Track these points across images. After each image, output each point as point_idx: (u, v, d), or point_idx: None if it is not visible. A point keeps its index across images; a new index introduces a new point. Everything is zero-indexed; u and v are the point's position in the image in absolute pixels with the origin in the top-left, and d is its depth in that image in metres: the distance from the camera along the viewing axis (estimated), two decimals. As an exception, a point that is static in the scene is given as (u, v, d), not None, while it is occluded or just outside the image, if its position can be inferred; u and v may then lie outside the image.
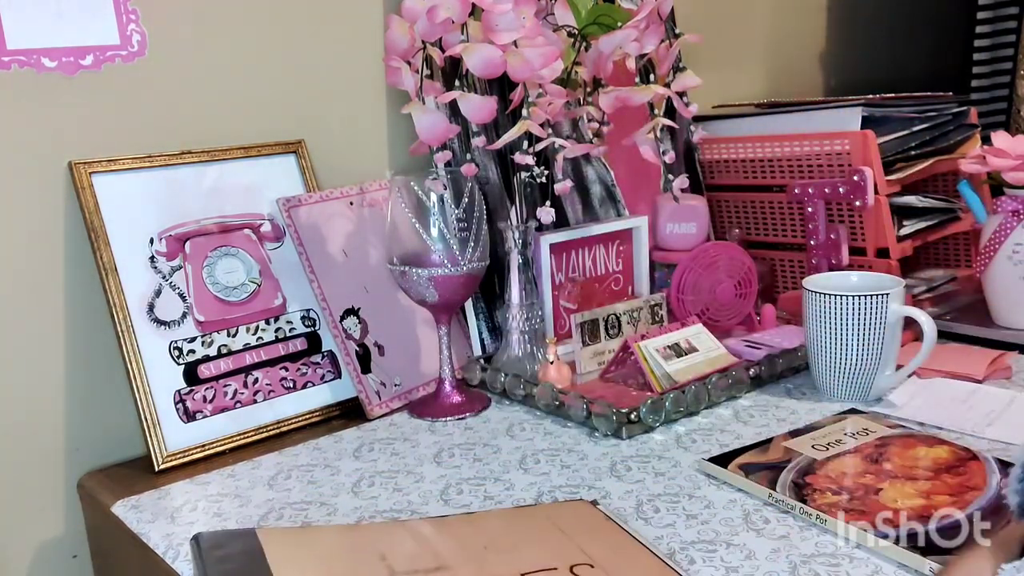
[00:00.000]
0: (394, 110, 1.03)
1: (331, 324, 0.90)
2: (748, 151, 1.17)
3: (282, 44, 0.95)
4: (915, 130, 1.12)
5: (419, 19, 0.79)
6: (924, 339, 0.83)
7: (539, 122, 0.83)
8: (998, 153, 0.99)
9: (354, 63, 1.00)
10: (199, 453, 0.82)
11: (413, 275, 0.85)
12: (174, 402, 0.83)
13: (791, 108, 1.17)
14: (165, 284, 0.85)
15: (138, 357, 0.81)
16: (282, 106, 0.96)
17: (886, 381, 0.86)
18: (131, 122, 0.86)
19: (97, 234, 0.82)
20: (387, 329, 0.94)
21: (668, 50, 0.90)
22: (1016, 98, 1.52)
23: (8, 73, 0.79)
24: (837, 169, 1.07)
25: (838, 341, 0.84)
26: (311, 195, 0.93)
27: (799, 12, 1.53)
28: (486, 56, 0.78)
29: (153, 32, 0.86)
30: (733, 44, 1.41)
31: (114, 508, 0.75)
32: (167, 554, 0.66)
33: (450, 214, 0.85)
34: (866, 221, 1.06)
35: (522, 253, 0.93)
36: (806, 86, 1.56)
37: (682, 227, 1.06)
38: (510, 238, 0.93)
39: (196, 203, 0.88)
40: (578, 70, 0.90)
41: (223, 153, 0.91)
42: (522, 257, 0.93)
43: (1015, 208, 0.98)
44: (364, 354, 0.91)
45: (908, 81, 1.69)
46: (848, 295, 0.83)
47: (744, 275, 1.02)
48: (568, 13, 0.87)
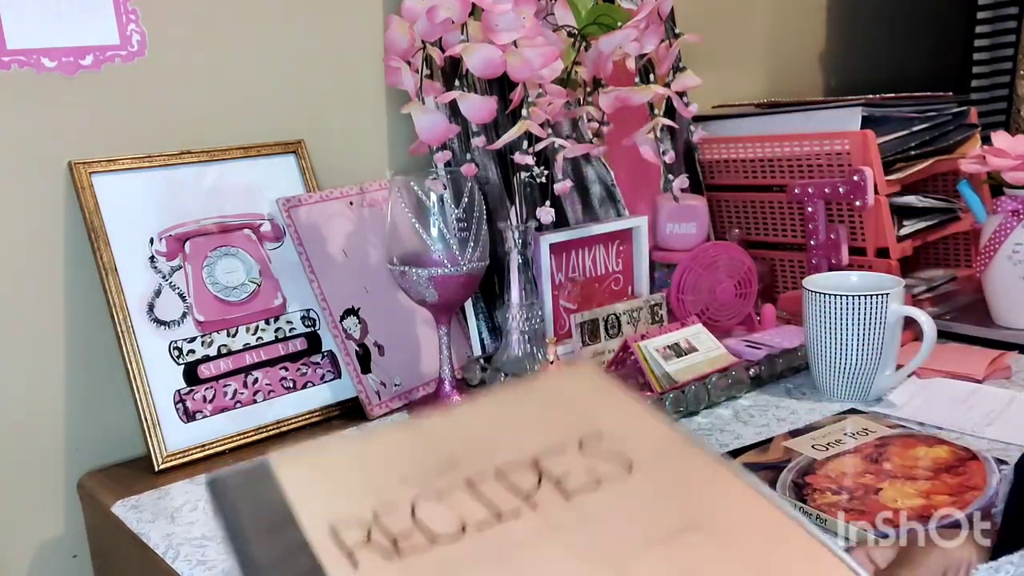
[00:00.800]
0: (394, 110, 1.03)
1: (331, 324, 0.90)
2: (748, 151, 1.17)
3: (282, 44, 0.95)
4: (915, 130, 1.12)
5: (419, 19, 0.79)
6: (924, 339, 0.83)
7: (539, 122, 0.83)
8: (998, 153, 0.99)
9: (354, 63, 1.00)
10: (199, 453, 0.82)
11: (413, 275, 0.85)
12: (174, 402, 0.83)
13: (791, 108, 1.17)
14: (165, 284, 0.85)
15: (138, 357, 0.81)
16: (282, 106, 0.96)
17: (886, 381, 0.86)
18: (131, 122, 0.86)
19: (97, 234, 0.82)
20: (387, 329, 0.94)
21: (668, 50, 0.90)
22: (1016, 98, 1.52)
23: (8, 73, 0.79)
24: (837, 169, 1.07)
25: (838, 341, 0.84)
26: (311, 195, 0.93)
27: (799, 12, 1.53)
28: (486, 56, 0.78)
29: (153, 32, 0.86)
30: (733, 44, 1.41)
31: (114, 508, 0.75)
32: (167, 554, 0.66)
33: (450, 214, 0.85)
34: (866, 221, 1.06)
35: (522, 253, 0.93)
36: (806, 86, 1.55)
37: (682, 227, 1.06)
38: (510, 238, 0.93)
39: (196, 203, 0.88)
40: (578, 70, 0.90)
41: (223, 153, 0.91)
42: (522, 257, 0.93)
43: (1015, 208, 0.98)
44: (364, 354, 0.91)
45: (908, 81, 1.69)
46: (848, 295, 0.83)
47: (744, 275, 1.02)
48: (568, 13, 0.87)
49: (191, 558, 0.65)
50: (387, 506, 0.53)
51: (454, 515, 0.52)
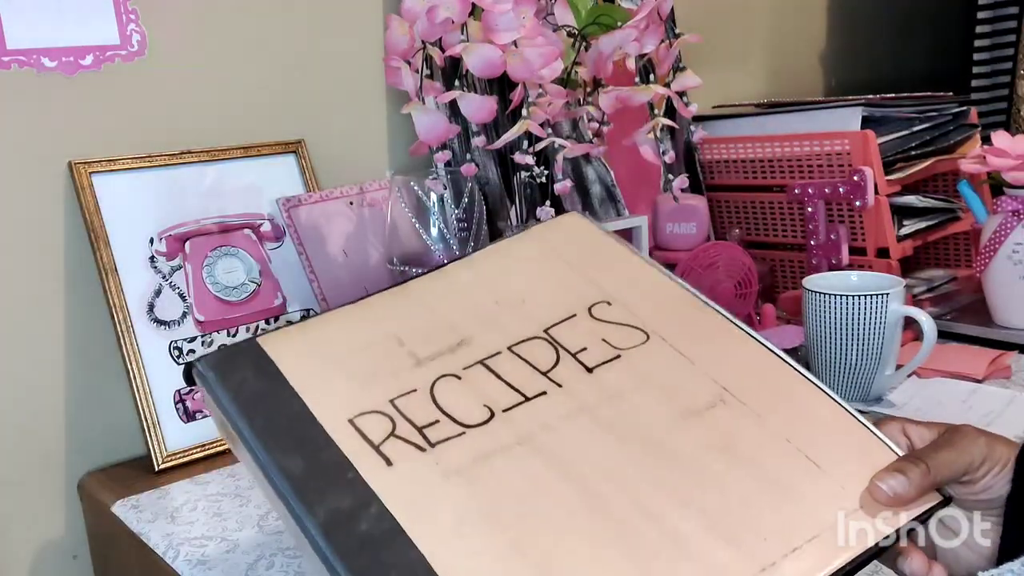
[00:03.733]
0: (394, 110, 1.03)
1: (331, 324, 0.90)
2: (748, 151, 1.17)
3: (282, 44, 0.95)
4: (915, 130, 1.12)
5: (419, 19, 0.79)
6: (924, 339, 0.83)
7: (539, 122, 0.83)
8: (998, 153, 0.99)
9: (354, 63, 1.00)
10: (199, 453, 0.82)
11: (413, 275, 0.85)
12: (174, 402, 0.83)
13: (791, 108, 1.17)
14: (165, 284, 0.85)
15: (138, 357, 0.81)
16: (282, 106, 0.96)
17: (886, 381, 0.86)
18: (131, 122, 0.86)
19: (97, 234, 0.82)
20: (387, 329, 0.94)
21: (668, 50, 0.90)
22: (1016, 98, 1.52)
23: (8, 73, 0.79)
24: (837, 169, 1.07)
25: (838, 341, 0.84)
26: (311, 195, 0.93)
27: (799, 12, 1.53)
28: (486, 56, 0.78)
29: (153, 32, 0.86)
30: (733, 44, 1.41)
31: (114, 508, 0.75)
32: (167, 554, 0.66)
33: (450, 214, 0.85)
34: (866, 221, 1.06)
35: (522, 253, 0.93)
36: (806, 86, 1.56)
37: (682, 227, 1.06)
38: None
39: (196, 203, 0.88)
40: (578, 70, 0.90)
41: (223, 153, 0.91)
42: (522, 257, 0.93)
43: (1015, 208, 0.98)
44: (364, 354, 0.91)
45: (908, 81, 1.69)
46: (848, 295, 0.83)
47: (744, 275, 1.02)
48: (568, 13, 0.87)
49: (191, 558, 0.65)
50: (404, 392, 0.50)
51: (477, 398, 0.50)
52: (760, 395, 0.51)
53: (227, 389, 0.48)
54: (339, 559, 0.40)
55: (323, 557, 0.41)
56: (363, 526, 0.42)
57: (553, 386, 0.50)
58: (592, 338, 0.53)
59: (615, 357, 0.52)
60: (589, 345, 0.53)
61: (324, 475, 0.44)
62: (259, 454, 0.45)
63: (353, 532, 0.42)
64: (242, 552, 0.65)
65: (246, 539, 0.67)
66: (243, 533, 0.68)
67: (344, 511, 0.43)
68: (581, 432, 0.48)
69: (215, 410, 0.49)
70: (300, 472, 0.44)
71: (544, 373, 0.51)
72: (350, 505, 0.43)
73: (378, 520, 0.42)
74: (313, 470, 0.45)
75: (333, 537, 0.41)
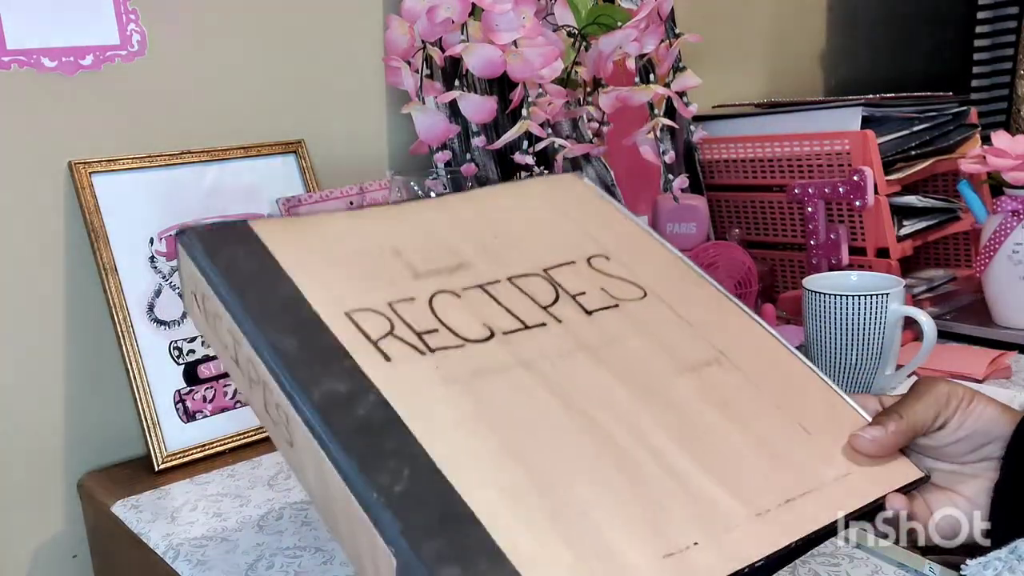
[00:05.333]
0: (394, 110, 1.03)
1: (331, 324, 0.90)
2: (748, 151, 1.17)
3: (282, 44, 0.95)
4: (915, 130, 1.12)
5: (419, 19, 0.79)
6: (924, 339, 0.83)
7: (539, 122, 0.83)
8: (998, 153, 0.99)
9: (354, 63, 1.00)
10: (199, 453, 0.82)
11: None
12: (174, 402, 0.83)
13: (791, 108, 1.17)
14: (165, 284, 0.85)
15: (138, 357, 0.81)
16: (282, 106, 0.96)
17: (886, 381, 0.86)
18: (131, 122, 0.86)
19: (97, 234, 0.82)
20: (387, 329, 0.94)
21: (668, 50, 0.90)
22: (1016, 98, 1.52)
23: (8, 73, 0.79)
24: (837, 169, 1.07)
25: (838, 341, 0.84)
26: (311, 195, 0.93)
27: (799, 12, 1.53)
28: (486, 56, 0.78)
29: (153, 32, 0.86)
30: (733, 44, 1.41)
31: (114, 508, 0.75)
32: (167, 554, 0.66)
33: (450, 214, 0.85)
34: (866, 221, 1.06)
35: (522, 253, 0.93)
36: (806, 86, 1.56)
37: (682, 227, 1.06)
38: (510, 238, 0.93)
39: (196, 203, 0.88)
40: (578, 70, 0.90)
41: (223, 153, 0.91)
42: (522, 257, 0.93)
43: (1015, 208, 0.98)
44: (364, 354, 0.91)
45: (908, 81, 1.69)
46: (848, 295, 0.83)
47: (744, 275, 1.02)
48: (568, 13, 0.87)
49: (191, 558, 0.65)
50: (402, 298, 0.48)
51: (476, 317, 0.49)
52: (754, 364, 0.51)
53: (215, 263, 0.46)
54: (336, 441, 0.39)
55: (318, 437, 0.39)
56: (360, 411, 0.40)
57: (553, 320, 0.49)
58: (591, 285, 0.53)
59: (614, 305, 0.52)
60: (588, 290, 0.52)
61: (320, 358, 0.42)
62: (249, 329, 0.43)
63: (351, 415, 0.40)
64: (242, 552, 0.65)
65: (246, 539, 0.67)
66: (243, 533, 0.68)
67: (342, 394, 0.40)
68: (582, 368, 0.47)
69: (198, 282, 0.46)
70: (294, 352, 0.42)
71: (544, 307, 0.50)
72: (348, 390, 0.41)
73: (376, 408, 0.40)
74: (308, 352, 0.42)
75: (330, 417, 0.39)
